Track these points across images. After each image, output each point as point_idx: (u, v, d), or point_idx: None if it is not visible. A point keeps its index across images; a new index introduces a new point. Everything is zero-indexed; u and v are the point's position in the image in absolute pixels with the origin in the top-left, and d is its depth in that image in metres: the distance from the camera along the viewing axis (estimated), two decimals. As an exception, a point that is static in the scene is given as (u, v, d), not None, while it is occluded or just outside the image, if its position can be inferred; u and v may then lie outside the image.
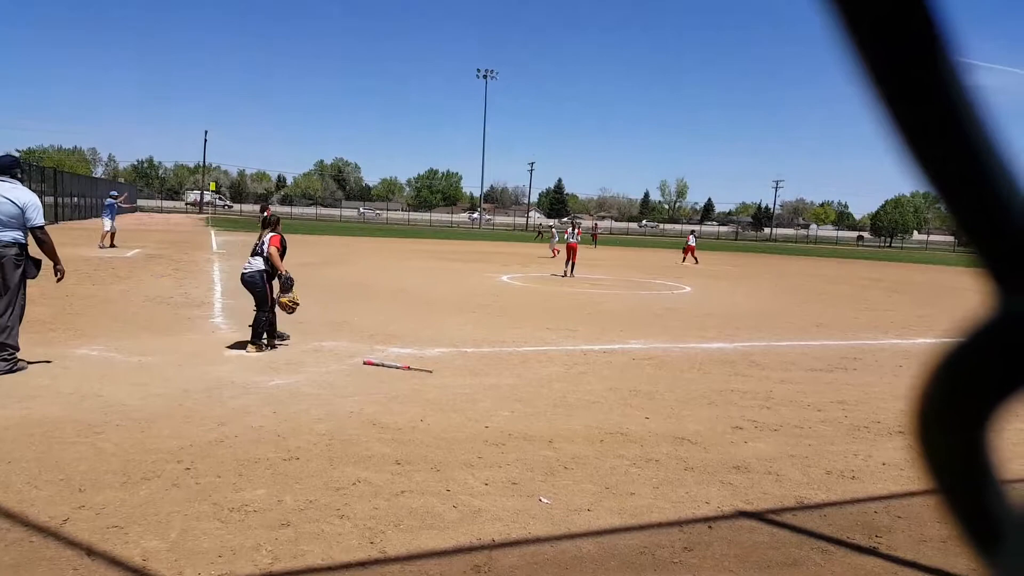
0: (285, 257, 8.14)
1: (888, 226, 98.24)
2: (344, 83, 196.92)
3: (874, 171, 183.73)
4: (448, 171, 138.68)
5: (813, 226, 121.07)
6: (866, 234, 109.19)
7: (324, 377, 6.69)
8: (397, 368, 7.08)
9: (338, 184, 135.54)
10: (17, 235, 6.30)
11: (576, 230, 21.09)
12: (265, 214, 8.63)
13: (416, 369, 7.07)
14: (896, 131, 0.30)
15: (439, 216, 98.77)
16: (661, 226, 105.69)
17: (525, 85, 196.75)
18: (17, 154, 9.45)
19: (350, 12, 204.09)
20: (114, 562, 3.07)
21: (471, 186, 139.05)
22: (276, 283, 7.86)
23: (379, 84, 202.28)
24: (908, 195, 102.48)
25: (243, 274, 7.94)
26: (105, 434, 4.73)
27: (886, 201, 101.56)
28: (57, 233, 7.48)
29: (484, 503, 3.93)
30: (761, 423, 5.86)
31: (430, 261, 23.84)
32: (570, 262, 20.00)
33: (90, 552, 3.14)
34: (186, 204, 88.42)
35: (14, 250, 6.26)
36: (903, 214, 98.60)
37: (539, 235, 47.31)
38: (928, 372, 0.32)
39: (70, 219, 39.89)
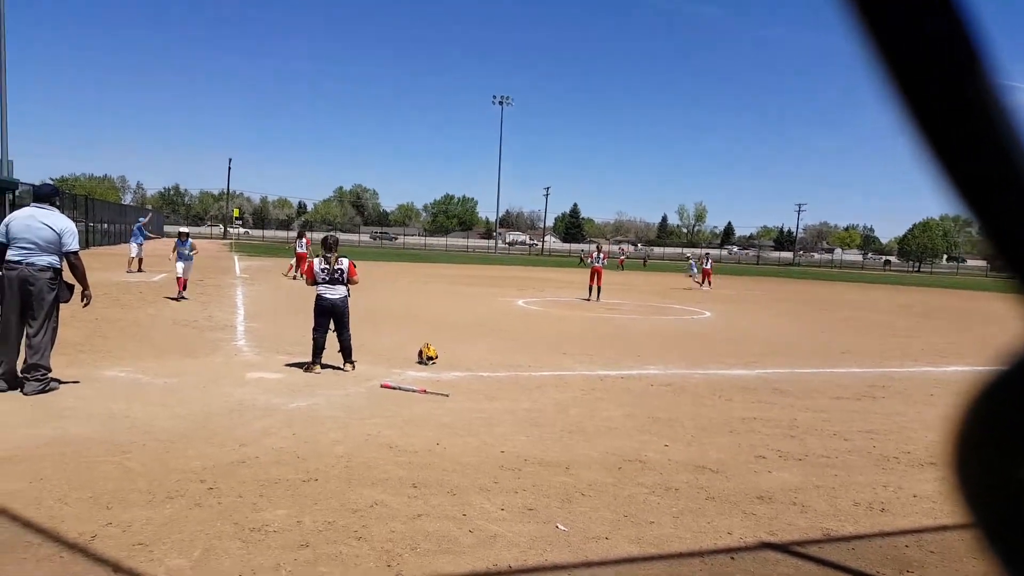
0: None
1: (916, 250, 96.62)
2: (362, 111, 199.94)
3: (901, 194, 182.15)
4: (464, 196, 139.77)
5: (838, 250, 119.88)
6: (893, 258, 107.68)
7: (342, 400, 6.75)
8: (414, 392, 7.12)
9: (357, 210, 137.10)
10: (53, 260, 6.49)
11: (602, 254, 21.18)
12: (326, 236, 8.77)
13: (432, 393, 7.11)
14: (932, 152, 0.29)
15: (455, 240, 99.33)
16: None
17: (541, 110, 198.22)
18: (53, 182, 9.73)
19: (366, 43, 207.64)
20: (138, 580, 3.12)
21: (487, 211, 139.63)
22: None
23: (396, 111, 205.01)
24: (937, 218, 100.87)
25: (332, 301, 8.05)
26: (132, 454, 4.81)
27: (914, 225, 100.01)
28: (88, 258, 7.66)
29: (500, 528, 3.93)
30: (785, 452, 5.79)
31: (446, 285, 23.97)
32: (596, 286, 20.09)
33: (117, 569, 3.19)
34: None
35: (49, 274, 6.45)
36: (932, 238, 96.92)
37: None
38: (966, 403, 0.31)
39: (100, 244, 40.72)
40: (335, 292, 8.11)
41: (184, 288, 15.24)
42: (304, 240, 23.80)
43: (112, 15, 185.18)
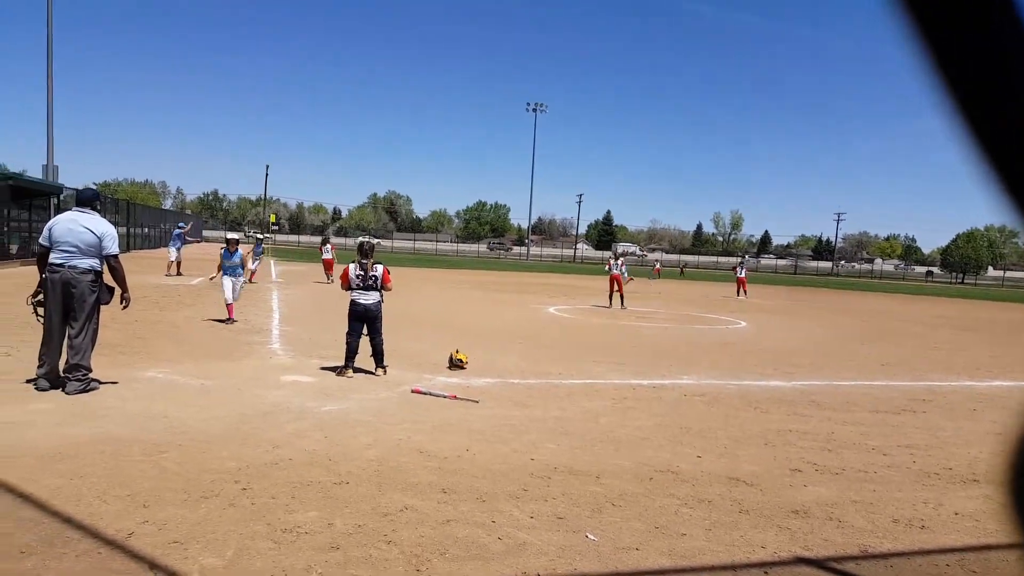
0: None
1: (960, 261, 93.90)
2: (397, 118, 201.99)
3: (944, 204, 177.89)
4: (496, 203, 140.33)
5: (878, 260, 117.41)
6: (936, 269, 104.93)
7: (373, 404, 6.80)
8: (444, 397, 7.14)
9: (390, 216, 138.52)
10: (94, 263, 6.63)
11: (620, 261, 20.73)
12: (362, 241, 8.84)
13: (463, 399, 7.12)
14: (989, 158, 0.28)
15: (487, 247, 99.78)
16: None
17: (574, 117, 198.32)
18: (95, 187, 10.00)
19: (400, 51, 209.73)
20: (173, 578, 3.17)
21: (519, 217, 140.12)
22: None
23: (430, 118, 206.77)
24: (982, 229, 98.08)
25: (366, 306, 8.15)
26: (168, 453, 4.90)
27: (957, 235, 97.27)
28: (128, 262, 7.85)
29: (529, 536, 3.91)
30: (822, 466, 5.67)
31: (477, 292, 24.03)
32: (617, 293, 19.83)
33: (153, 566, 3.25)
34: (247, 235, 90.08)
35: (90, 277, 6.59)
36: (976, 248, 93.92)
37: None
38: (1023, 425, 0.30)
39: (141, 248, 41.74)
40: (369, 297, 8.19)
41: (232, 314, 12.24)
42: (329, 246, 24.58)
43: (155, 25, 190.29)
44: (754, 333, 15.91)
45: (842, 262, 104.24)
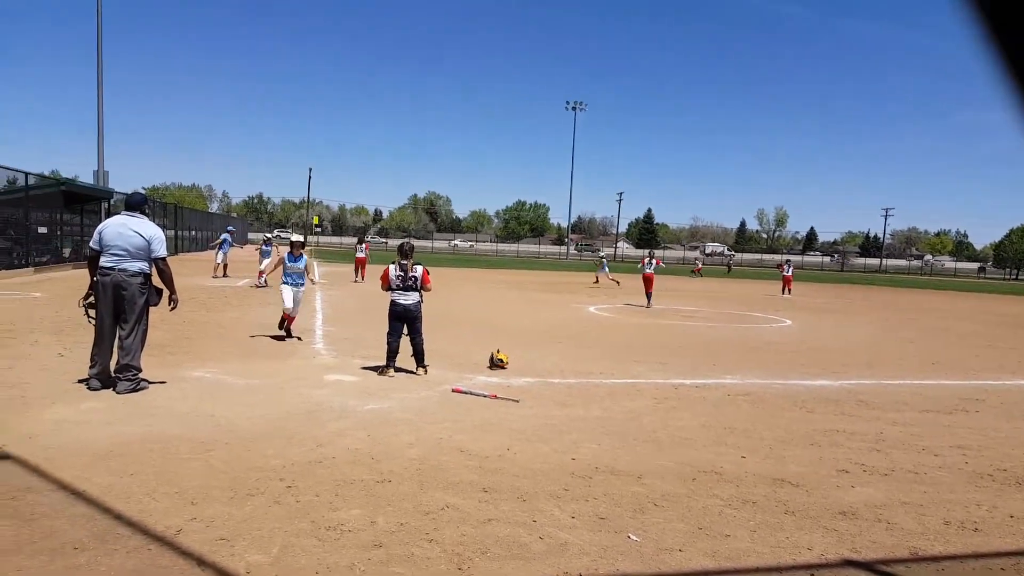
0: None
1: (1014, 257, 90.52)
2: (437, 119, 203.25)
3: (998, 198, 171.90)
4: (536, 202, 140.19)
5: (928, 256, 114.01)
6: (989, 265, 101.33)
7: (414, 403, 6.85)
8: (484, 397, 7.16)
9: (430, 217, 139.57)
10: (143, 265, 6.80)
11: (655, 260, 20.95)
12: (402, 242, 8.92)
13: (503, 398, 7.13)
14: None
15: (526, 247, 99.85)
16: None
17: (614, 114, 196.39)
18: (144, 191, 10.29)
19: (439, 53, 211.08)
20: (222, 573, 3.24)
21: (558, 216, 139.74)
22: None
23: (469, 118, 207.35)
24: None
25: (405, 306, 8.22)
26: (215, 452, 5.01)
27: (1011, 230, 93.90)
28: (176, 264, 8.05)
29: (571, 536, 3.89)
30: (870, 467, 5.53)
31: (517, 291, 24.04)
32: (648, 292, 20.00)
33: (200, 562, 3.32)
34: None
35: (140, 279, 6.76)
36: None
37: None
38: None
39: (188, 251, 42.81)
40: (409, 298, 8.25)
41: (289, 324, 10.80)
42: (364, 245, 24.81)
43: (199, 33, 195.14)
44: (800, 332, 15.60)
45: (887, 259, 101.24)
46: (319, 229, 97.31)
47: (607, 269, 29.34)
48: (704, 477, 5.06)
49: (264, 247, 21.63)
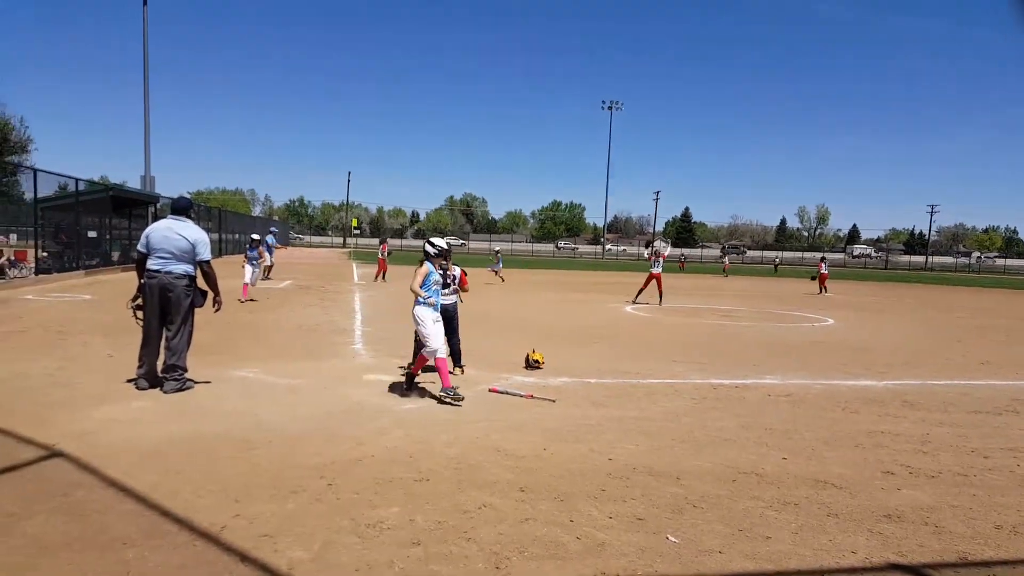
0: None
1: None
2: (474, 120, 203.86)
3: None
4: (571, 202, 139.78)
5: (976, 253, 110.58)
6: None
7: (452, 403, 6.88)
8: (520, 396, 7.17)
9: (467, 218, 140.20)
10: (188, 268, 6.96)
11: (660, 256, 19.91)
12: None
13: (539, 398, 7.13)
14: None
15: (562, 247, 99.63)
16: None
17: (650, 113, 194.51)
18: (189, 196, 10.54)
19: (473, 52, 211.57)
20: (264, 569, 3.31)
21: (594, 216, 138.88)
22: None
23: (505, 119, 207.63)
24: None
25: (444, 305, 8.24)
26: (258, 450, 5.12)
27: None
28: (220, 266, 8.24)
29: (608, 537, 3.88)
30: (916, 469, 5.40)
31: (553, 291, 23.99)
32: (658, 292, 19.40)
33: (244, 559, 3.40)
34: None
35: (185, 281, 6.93)
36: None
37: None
38: None
39: (232, 253, 43.69)
40: (447, 299, 8.31)
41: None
42: (383, 247, 25.28)
43: (244, 43, 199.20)
44: (842, 331, 15.27)
45: (933, 256, 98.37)
46: (358, 231, 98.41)
47: (501, 265, 29.02)
48: (744, 478, 4.99)
49: (250, 251, 17.18)
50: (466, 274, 8.57)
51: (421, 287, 7.10)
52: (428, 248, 7.38)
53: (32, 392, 6.58)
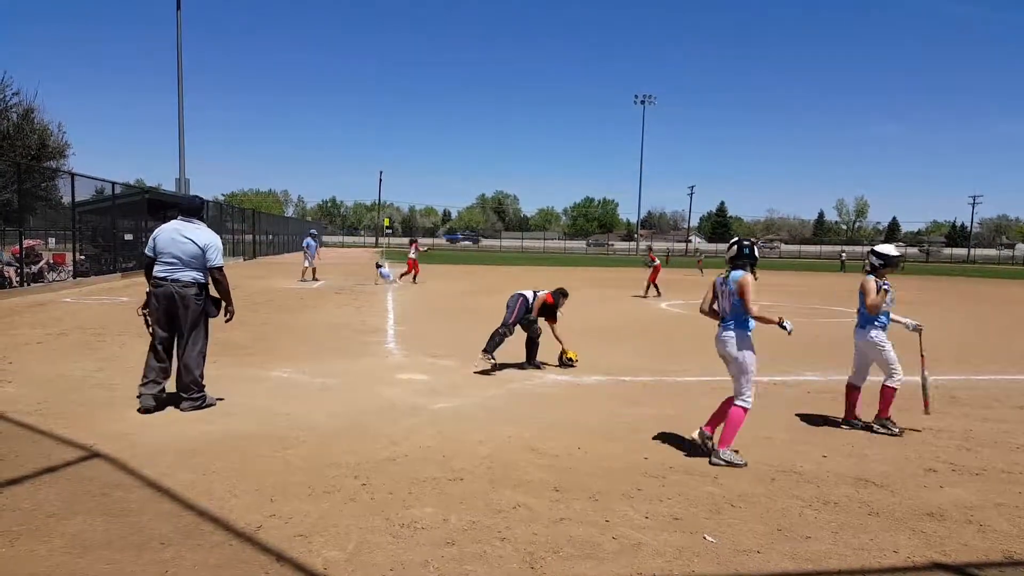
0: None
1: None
2: (504, 118, 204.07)
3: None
4: (604, 199, 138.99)
5: (1020, 245, 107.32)
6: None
7: (484, 401, 6.89)
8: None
9: (498, 216, 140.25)
10: (197, 275, 6.23)
11: (650, 254, 22.72)
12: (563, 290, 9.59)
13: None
14: None
15: (594, 245, 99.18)
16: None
17: (684, 106, 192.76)
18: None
19: (505, 50, 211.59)
20: (300, 569, 3.33)
21: (627, 212, 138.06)
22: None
23: (537, 116, 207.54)
24: None
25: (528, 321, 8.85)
26: (293, 449, 5.16)
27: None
28: (254, 267, 8.33)
29: (645, 536, 3.83)
30: (959, 466, 5.25)
31: (587, 289, 23.86)
32: (652, 284, 21.09)
33: (280, 558, 3.42)
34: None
35: (194, 290, 6.20)
36: None
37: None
38: None
39: (265, 254, 44.33)
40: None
41: None
42: (413, 247, 25.28)
43: (275, 44, 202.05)
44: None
45: (975, 248, 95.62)
46: (390, 231, 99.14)
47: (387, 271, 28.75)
48: (783, 477, 4.90)
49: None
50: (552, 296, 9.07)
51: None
52: (872, 259, 6.33)
53: (72, 393, 6.72)
